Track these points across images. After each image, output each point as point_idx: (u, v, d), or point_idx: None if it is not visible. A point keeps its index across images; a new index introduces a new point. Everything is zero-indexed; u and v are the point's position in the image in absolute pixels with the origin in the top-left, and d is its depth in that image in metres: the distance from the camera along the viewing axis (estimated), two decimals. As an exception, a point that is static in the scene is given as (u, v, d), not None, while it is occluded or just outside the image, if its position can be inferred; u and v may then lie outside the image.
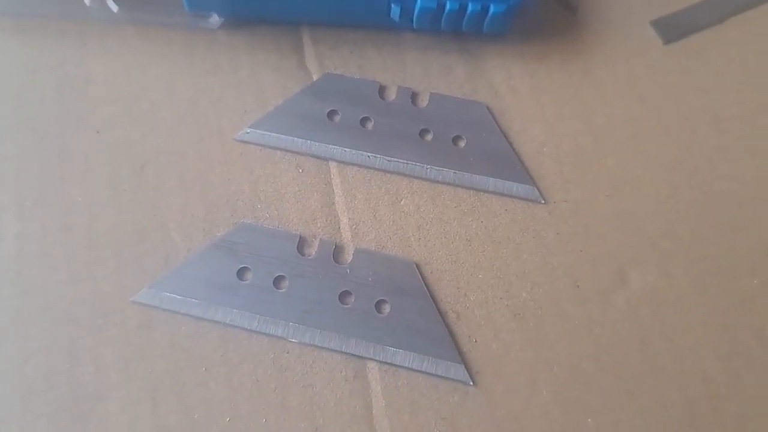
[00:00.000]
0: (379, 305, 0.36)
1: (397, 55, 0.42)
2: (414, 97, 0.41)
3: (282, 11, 0.42)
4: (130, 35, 0.42)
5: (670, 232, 0.38)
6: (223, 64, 0.41)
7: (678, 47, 0.43)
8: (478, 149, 0.39)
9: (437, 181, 0.39)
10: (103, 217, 0.37)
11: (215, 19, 0.42)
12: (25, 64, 0.41)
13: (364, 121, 0.40)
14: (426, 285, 0.36)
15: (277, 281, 0.36)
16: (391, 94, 0.41)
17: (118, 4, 0.40)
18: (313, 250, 0.37)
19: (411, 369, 0.35)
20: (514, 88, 0.41)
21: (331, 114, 0.40)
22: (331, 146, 0.39)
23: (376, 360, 0.35)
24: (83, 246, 0.37)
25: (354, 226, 0.38)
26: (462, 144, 0.40)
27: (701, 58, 0.43)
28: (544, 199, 0.39)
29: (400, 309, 0.36)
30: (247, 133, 0.39)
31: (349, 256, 0.37)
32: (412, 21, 0.41)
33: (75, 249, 0.37)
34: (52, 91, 0.40)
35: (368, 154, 0.39)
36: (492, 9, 0.39)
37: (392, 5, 0.40)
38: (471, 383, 0.35)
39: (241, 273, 0.36)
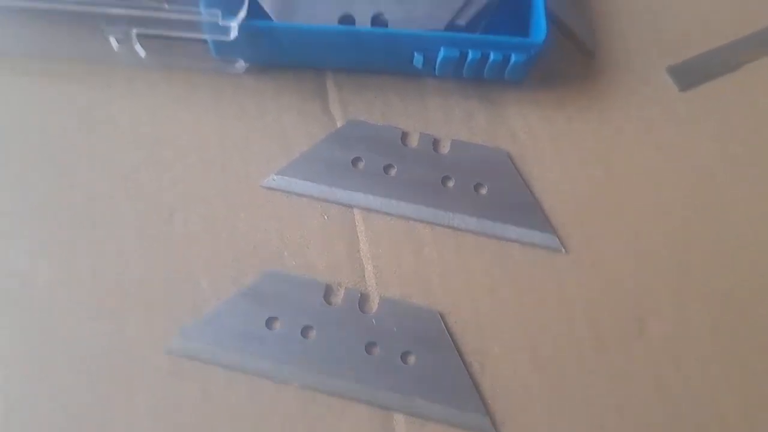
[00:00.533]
0: (404, 356, 0.37)
1: (419, 101, 0.43)
2: (436, 143, 0.42)
3: (307, 57, 0.42)
4: (157, 79, 0.42)
5: (686, 279, 0.39)
6: (249, 109, 0.42)
7: (693, 94, 0.44)
8: (500, 197, 0.40)
9: (459, 229, 0.40)
10: (132, 265, 0.38)
11: (241, 64, 0.42)
12: (53, 107, 0.42)
13: (387, 167, 0.41)
14: (450, 335, 0.37)
15: (305, 331, 0.37)
16: (414, 141, 0.42)
17: (145, 49, 0.41)
18: (339, 299, 0.38)
19: (437, 420, 0.35)
20: (534, 134, 0.42)
21: (355, 161, 0.41)
22: (355, 193, 0.40)
23: (402, 412, 0.36)
24: (113, 293, 0.38)
25: (378, 274, 0.39)
26: (484, 191, 0.41)
27: (716, 104, 0.44)
28: (564, 248, 0.39)
29: (425, 360, 0.36)
30: (274, 180, 0.40)
31: (374, 305, 0.38)
32: (435, 69, 0.41)
33: (105, 296, 0.38)
34: (80, 136, 0.41)
35: (392, 201, 0.40)
36: (513, 58, 0.40)
37: (415, 53, 0.41)
38: (495, 433, 0.35)
39: (269, 322, 0.37)
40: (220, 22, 0.38)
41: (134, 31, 0.40)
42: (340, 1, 0.41)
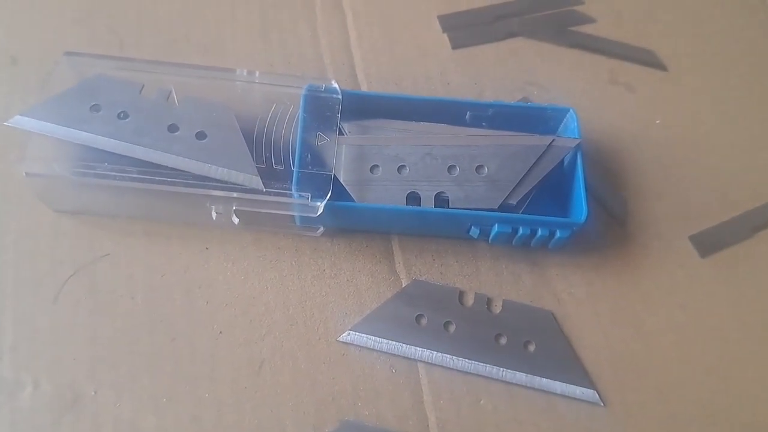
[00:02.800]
0: (465, 500, 0.42)
1: (473, 263, 0.49)
2: (489, 302, 0.48)
3: (378, 227, 0.49)
4: (247, 241, 0.49)
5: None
6: (326, 269, 0.49)
7: (713, 260, 0.50)
8: (546, 354, 0.46)
9: (511, 383, 0.46)
10: (227, 413, 0.44)
11: (320, 229, 0.49)
12: (155, 267, 0.48)
13: (446, 324, 0.47)
14: (505, 482, 0.43)
15: (379, 477, 0.42)
16: (469, 300, 0.48)
17: (238, 217, 0.48)
18: (407, 448, 0.43)
19: None
20: (574, 295, 0.49)
21: (419, 318, 0.47)
22: (419, 349, 0.46)
23: None
24: (211, 438, 0.43)
25: (441, 425, 0.44)
26: (532, 348, 0.47)
27: (734, 270, 0.50)
28: (603, 402, 0.45)
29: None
30: (348, 335, 0.46)
31: (438, 453, 0.43)
32: (489, 239, 0.48)
33: (204, 441, 0.43)
34: (179, 294, 0.47)
35: (452, 356, 0.46)
36: (558, 234, 0.47)
37: (472, 227, 0.47)
38: None
39: (347, 468, 0.43)
40: (309, 204, 0.45)
41: (234, 207, 0.46)
42: (407, 181, 0.48)
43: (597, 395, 0.45)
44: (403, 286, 0.48)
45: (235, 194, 0.45)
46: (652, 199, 0.52)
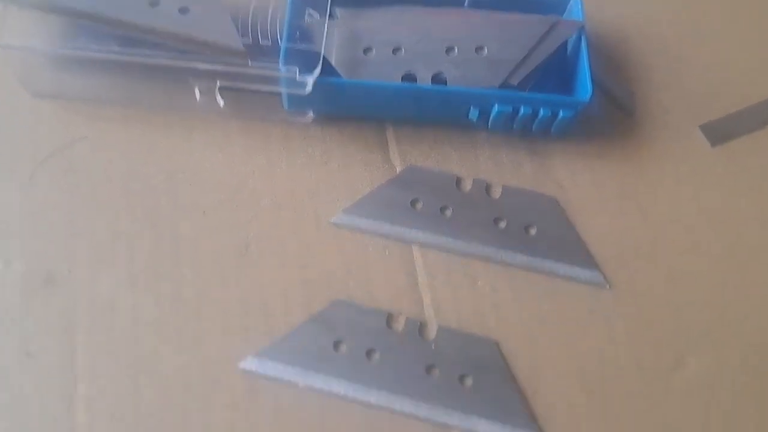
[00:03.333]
0: (461, 378, 0.39)
1: (471, 152, 0.47)
2: (488, 188, 0.46)
3: (370, 111, 0.47)
4: (233, 128, 0.47)
5: (723, 320, 0.42)
6: (316, 156, 0.46)
7: (724, 149, 0.48)
8: (548, 237, 0.44)
9: (511, 265, 0.43)
10: (210, 291, 0.42)
11: (310, 115, 0.47)
12: (136, 151, 0.46)
13: (443, 209, 0.45)
14: (504, 361, 0.40)
15: (369, 353, 0.40)
16: (467, 186, 0.46)
17: (224, 99, 0.45)
18: (400, 326, 0.41)
19: (493, 438, 0.38)
20: (577, 183, 0.46)
21: (414, 202, 0.45)
22: (414, 231, 0.44)
23: (459, 428, 0.38)
24: (193, 317, 0.41)
25: (436, 305, 0.42)
26: (533, 232, 0.44)
27: (746, 160, 0.47)
28: (608, 284, 0.43)
29: (481, 383, 0.39)
30: (340, 218, 0.44)
31: (432, 333, 0.41)
32: (488, 123, 0.45)
33: (185, 320, 0.41)
34: (161, 178, 0.45)
35: (448, 239, 0.44)
36: (561, 114, 0.44)
37: (471, 108, 0.45)
38: (549, 453, 0.38)
39: (336, 345, 0.40)
40: (298, 78, 0.43)
41: (218, 83, 0.44)
42: (403, 62, 0.45)
43: (602, 276, 0.43)
44: (398, 172, 0.46)
45: (219, 67, 0.43)
46: (661, 89, 0.50)
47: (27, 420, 0.38)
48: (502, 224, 0.44)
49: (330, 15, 0.45)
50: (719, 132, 0.48)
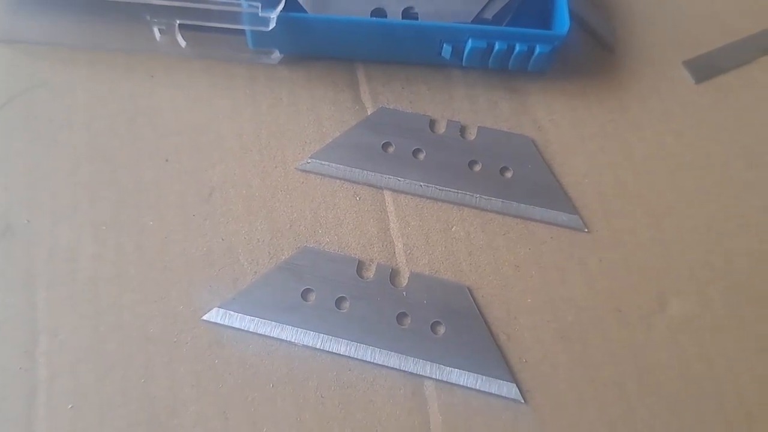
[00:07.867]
0: (434, 326, 0.38)
1: (446, 91, 0.45)
2: (462, 130, 0.44)
3: (339, 49, 0.44)
4: (196, 70, 0.45)
5: (707, 261, 0.41)
6: (283, 98, 0.44)
7: (709, 86, 0.46)
8: (524, 180, 0.42)
9: (486, 210, 0.42)
10: (174, 241, 0.40)
11: (276, 54, 0.44)
12: (97, 96, 0.44)
13: (416, 152, 0.43)
14: (478, 308, 0.39)
15: (339, 302, 0.39)
16: (441, 128, 0.44)
17: (185, 40, 0.43)
18: (371, 274, 0.39)
19: (465, 387, 0.37)
20: (556, 122, 0.44)
21: (385, 146, 0.43)
22: (385, 176, 0.42)
23: (432, 378, 0.37)
24: (156, 267, 0.39)
25: (408, 251, 0.40)
26: (509, 175, 0.42)
27: (731, 96, 0.46)
28: (587, 228, 0.41)
29: (453, 330, 0.38)
30: (308, 163, 0.42)
31: (404, 280, 0.40)
32: (462, 59, 0.43)
33: (148, 270, 0.39)
34: (123, 123, 0.43)
35: (420, 183, 0.42)
36: (538, 49, 0.42)
37: (444, 44, 0.43)
38: (522, 401, 0.37)
39: (305, 294, 0.39)
40: (260, 14, 0.41)
41: (177, 21, 0.42)
42: (372, -2, 0.43)
43: (580, 220, 0.41)
44: (369, 114, 0.44)
45: (176, 2, 0.41)
46: (644, 25, 0.48)
47: (-15, 376, 0.37)
48: (477, 167, 0.42)
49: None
50: (703, 68, 0.46)
